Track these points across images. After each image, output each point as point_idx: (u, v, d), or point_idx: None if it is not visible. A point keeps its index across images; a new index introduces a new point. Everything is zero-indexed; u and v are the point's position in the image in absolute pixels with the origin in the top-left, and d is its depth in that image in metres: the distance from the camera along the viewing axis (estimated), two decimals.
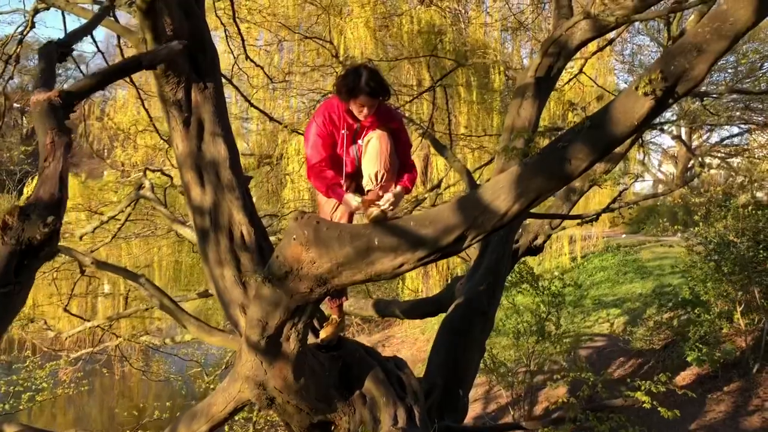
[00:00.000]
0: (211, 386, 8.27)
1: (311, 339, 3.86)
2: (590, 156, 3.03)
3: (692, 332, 7.19)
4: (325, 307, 3.97)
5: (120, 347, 8.29)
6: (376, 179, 3.24)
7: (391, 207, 3.19)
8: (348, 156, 3.38)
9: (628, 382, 4.40)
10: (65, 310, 6.59)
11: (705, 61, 2.98)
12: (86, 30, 2.43)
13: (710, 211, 7.07)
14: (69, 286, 9.11)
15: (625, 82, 25.10)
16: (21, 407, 8.77)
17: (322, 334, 3.65)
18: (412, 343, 15.44)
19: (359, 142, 3.36)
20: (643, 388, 4.06)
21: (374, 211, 3.10)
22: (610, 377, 8.13)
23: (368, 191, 3.28)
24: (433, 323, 14.14)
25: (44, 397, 8.94)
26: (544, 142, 3.15)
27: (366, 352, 3.79)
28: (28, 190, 15.29)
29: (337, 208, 3.41)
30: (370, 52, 13.57)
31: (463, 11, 15.55)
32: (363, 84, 3.16)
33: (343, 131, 3.33)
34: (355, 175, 3.42)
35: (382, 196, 3.19)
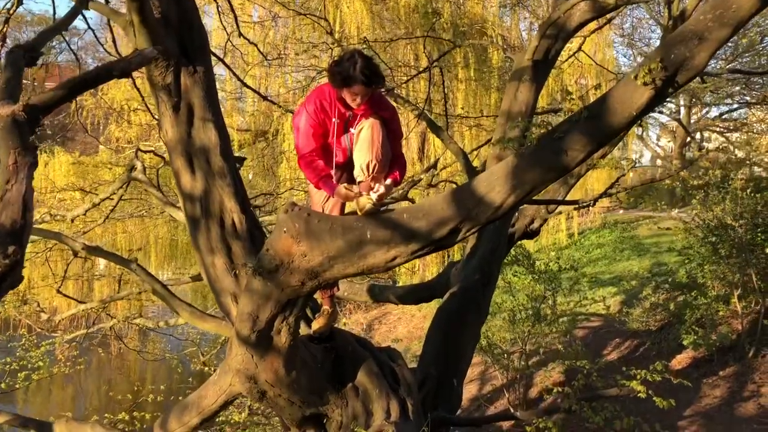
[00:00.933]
0: (206, 369, 8.26)
1: (303, 330, 3.82)
2: (587, 147, 2.97)
3: (688, 315, 7.17)
4: (318, 296, 3.93)
5: (115, 327, 8.26)
6: (368, 170, 3.16)
7: (379, 200, 3.13)
8: (339, 146, 3.29)
9: (623, 370, 4.35)
10: (58, 291, 6.53)
11: (706, 49, 2.90)
12: (57, 29, 2.33)
13: (708, 193, 7.00)
14: (63, 265, 9.08)
15: (624, 56, 24.96)
16: (17, 386, 8.77)
17: (314, 325, 3.60)
18: (409, 319, 15.47)
19: (351, 130, 3.27)
20: (638, 377, 4.03)
21: (367, 203, 3.03)
22: (606, 360, 8.14)
23: (359, 182, 3.21)
24: (431, 302, 14.17)
25: (40, 376, 8.93)
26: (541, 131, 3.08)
27: (359, 344, 3.76)
28: None
29: (328, 199, 3.34)
30: (366, 26, 13.38)
31: None
32: (358, 72, 3.06)
33: (334, 119, 3.23)
34: (347, 166, 3.34)
35: (373, 188, 3.12)
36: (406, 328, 15.07)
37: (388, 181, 3.20)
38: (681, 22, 5.92)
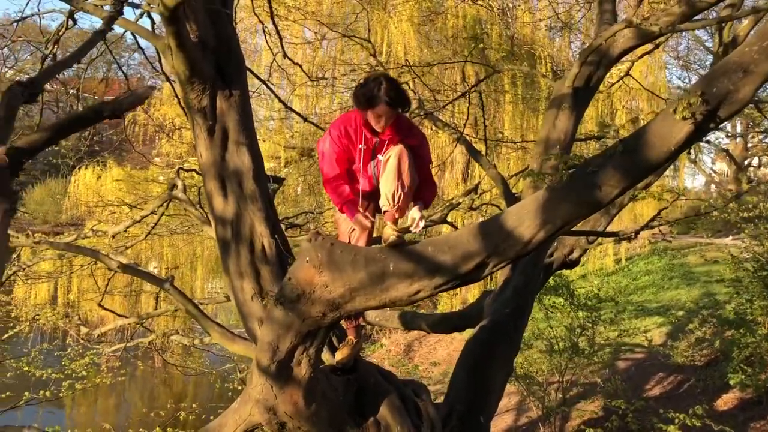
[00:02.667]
0: (243, 387, 8.28)
1: (327, 358, 3.77)
2: (622, 183, 2.85)
3: (736, 353, 6.86)
4: (343, 325, 3.87)
5: (154, 342, 8.37)
6: (393, 200, 3.11)
7: (417, 228, 3.11)
8: (366, 173, 3.25)
9: (661, 413, 4.15)
10: (99, 305, 6.65)
11: (751, 82, 2.75)
12: (67, 63, 2.36)
13: (759, 226, 6.71)
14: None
15: (679, 78, 24.35)
16: (61, 394, 8.96)
17: (338, 355, 3.54)
18: (449, 342, 15.27)
19: (379, 157, 3.23)
20: (677, 420, 3.83)
21: (390, 235, 2.98)
22: (648, 395, 7.82)
23: (384, 212, 3.16)
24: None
25: (84, 386, 9.11)
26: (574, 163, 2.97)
27: (382, 376, 3.68)
28: (74, 179, 15.61)
29: (354, 229, 3.30)
30: (414, 47, 13.43)
31: (509, 6, 15.20)
32: (382, 93, 3.04)
33: (360, 146, 3.20)
34: (374, 195, 3.29)
35: (397, 219, 3.07)
36: (446, 351, 14.89)
37: (415, 211, 3.15)
38: (733, 49, 5.73)
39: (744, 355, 6.82)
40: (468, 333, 13.44)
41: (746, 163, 26.77)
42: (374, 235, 3.55)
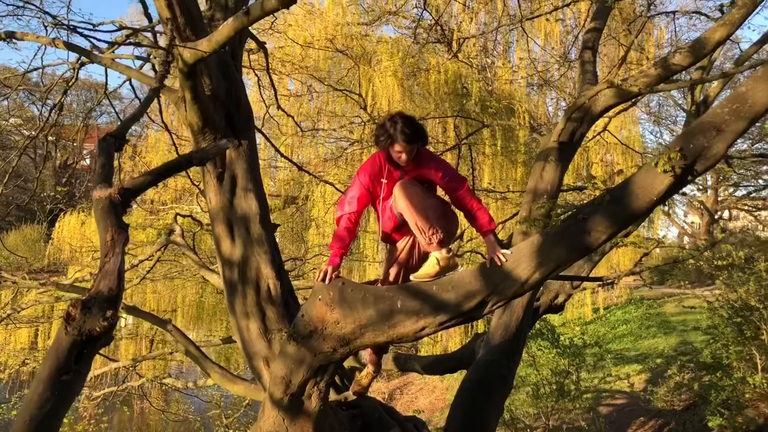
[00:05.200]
0: (230, 430, 8.30)
1: (332, 395, 3.93)
2: (609, 229, 3.12)
3: (714, 396, 7.10)
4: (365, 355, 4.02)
5: (141, 386, 8.39)
6: (420, 231, 3.24)
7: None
8: (390, 209, 3.37)
9: None
10: None
11: (724, 140, 3.07)
12: (137, 116, 2.62)
13: (732, 274, 7.05)
14: None
15: (651, 132, 25.20)
16: None
17: (355, 386, 3.69)
18: (431, 391, 15.32)
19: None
20: None
21: (431, 270, 3.19)
22: None
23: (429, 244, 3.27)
24: (454, 373, 14.05)
25: None
26: (565, 212, 3.25)
27: (386, 411, 3.85)
28: (59, 225, 15.65)
29: (392, 264, 3.48)
30: (397, 100, 13.84)
31: (489, 63, 15.80)
32: (398, 131, 3.26)
33: (383, 180, 3.37)
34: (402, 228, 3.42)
35: (440, 243, 3.23)
36: (428, 399, 14.92)
37: (438, 256, 3.25)
38: (704, 108, 6.16)
39: (721, 398, 7.06)
40: (448, 379, 13.41)
41: (717, 215, 27.54)
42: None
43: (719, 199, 27.18)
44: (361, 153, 13.37)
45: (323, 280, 3.21)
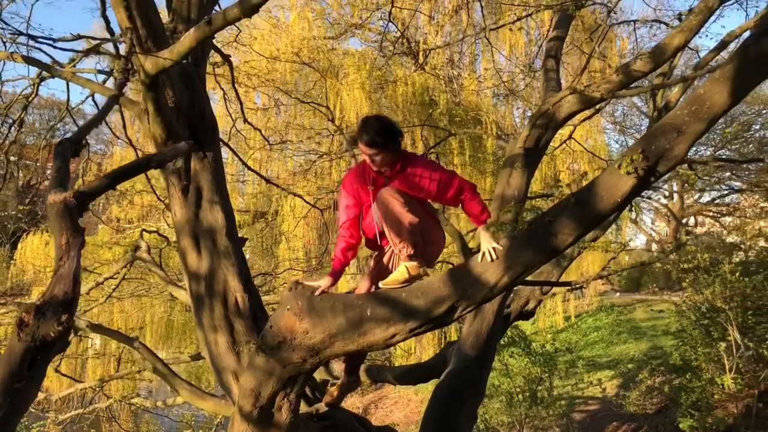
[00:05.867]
0: None
1: (303, 407, 3.87)
2: (576, 231, 3.14)
3: (684, 398, 7.18)
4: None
5: (110, 407, 8.19)
6: (391, 241, 3.19)
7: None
8: (372, 215, 3.28)
9: None
10: (56, 370, 6.54)
11: (684, 141, 3.12)
12: (95, 122, 2.56)
13: (698, 276, 7.16)
14: None
15: (616, 142, 25.62)
16: None
17: (326, 398, 3.63)
18: (405, 404, 15.26)
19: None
20: None
21: (399, 276, 3.14)
22: None
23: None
24: (427, 385, 14.02)
25: None
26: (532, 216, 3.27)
27: (358, 422, 3.81)
28: (22, 245, 15.31)
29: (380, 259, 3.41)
30: (365, 112, 13.85)
31: (456, 75, 15.93)
32: (359, 134, 3.18)
33: (370, 187, 3.28)
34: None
35: (409, 257, 3.19)
36: (402, 413, 14.86)
37: (408, 265, 3.19)
38: (666, 113, 6.27)
39: (691, 400, 7.14)
40: (423, 392, 13.38)
41: (683, 221, 28.01)
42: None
43: (685, 205, 27.67)
44: (330, 166, 13.36)
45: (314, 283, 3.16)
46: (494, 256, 3.04)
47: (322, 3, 15.07)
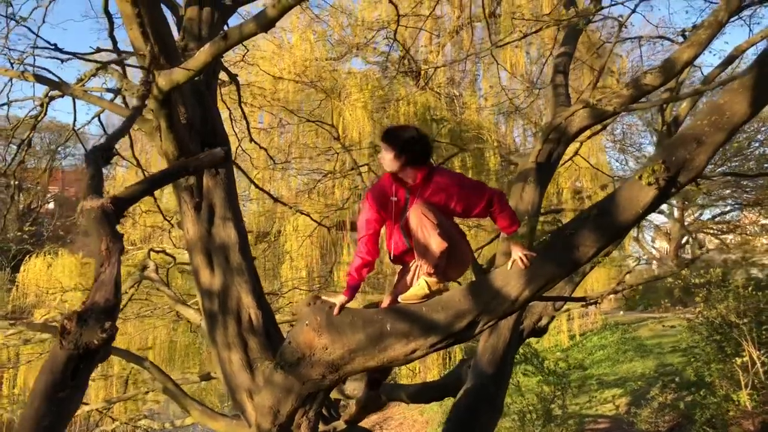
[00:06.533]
0: None
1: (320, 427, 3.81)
2: (598, 243, 3.11)
3: (699, 415, 7.10)
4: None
5: (114, 430, 8.08)
6: (416, 255, 3.14)
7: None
8: (398, 231, 3.21)
9: None
10: None
11: (705, 152, 3.11)
12: (122, 132, 2.54)
13: (711, 291, 7.11)
14: None
15: (617, 161, 25.67)
16: None
17: (345, 415, 3.58)
18: (411, 425, 15.10)
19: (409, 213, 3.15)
20: None
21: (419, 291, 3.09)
22: None
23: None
24: (433, 405, 13.87)
25: None
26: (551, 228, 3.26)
27: None
28: (24, 268, 15.23)
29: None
30: (368, 132, 13.90)
31: (458, 94, 16.00)
32: (382, 133, 3.18)
33: (393, 198, 3.19)
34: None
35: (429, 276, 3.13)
36: None
37: (428, 279, 3.12)
38: (675, 128, 6.28)
39: (706, 417, 7.06)
40: (428, 412, 13.22)
41: (684, 240, 27.98)
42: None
43: (685, 223, 27.65)
44: (333, 185, 13.36)
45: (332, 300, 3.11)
46: (526, 263, 3.00)
47: (323, 25, 15.20)
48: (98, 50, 4.39)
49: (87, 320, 1.41)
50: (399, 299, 3.21)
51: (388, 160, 3.17)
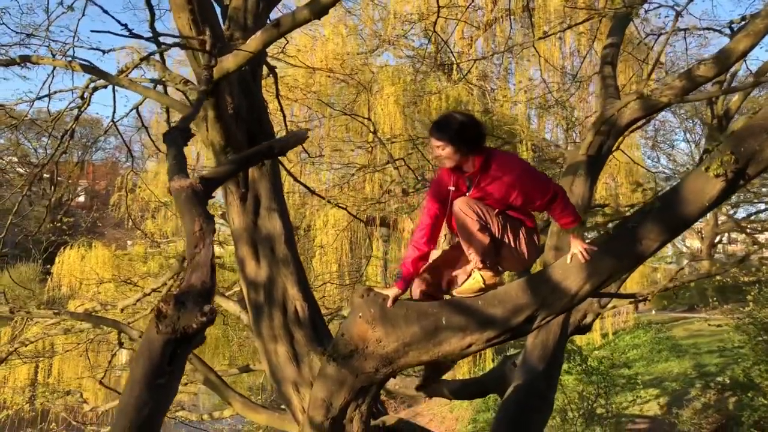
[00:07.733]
0: None
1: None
2: (661, 236, 3.00)
3: (746, 417, 6.91)
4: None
5: None
6: (472, 257, 3.04)
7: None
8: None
9: None
10: (101, 383, 6.49)
11: None
12: (193, 115, 2.50)
13: (762, 289, 6.91)
14: (94, 357, 9.06)
15: (648, 158, 25.24)
16: None
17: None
18: (440, 421, 15.02)
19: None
20: None
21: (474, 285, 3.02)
22: None
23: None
24: (462, 402, 13.77)
25: None
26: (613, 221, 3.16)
27: None
28: (59, 260, 15.43)
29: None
30: (399, 127, 13.84)
31: (491, 88, 15.85)
32: (431, 129, 3.02)
33: (450, 188, 3.07)
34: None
35: (480, 270, 3.05)
36: (438, 430, 14.61)
37: (483, 274, 3.04)
38: (726, 121, 6.10)
39: (754, 419, 6.87)
40: (457, 409, 13.09)
41: (717, 239, 27.46)
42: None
43: (718, 223, 27.10)
44: (363, 180, 13.32)
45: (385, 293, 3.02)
46: (587, 257, 2.89)
47: (355, 19, 15.16)
48: (159, 34, 4.33)
49: (185, 303, 1.35)
50: (454, 293, 3.14)
51: (446, 155, 2.98)
